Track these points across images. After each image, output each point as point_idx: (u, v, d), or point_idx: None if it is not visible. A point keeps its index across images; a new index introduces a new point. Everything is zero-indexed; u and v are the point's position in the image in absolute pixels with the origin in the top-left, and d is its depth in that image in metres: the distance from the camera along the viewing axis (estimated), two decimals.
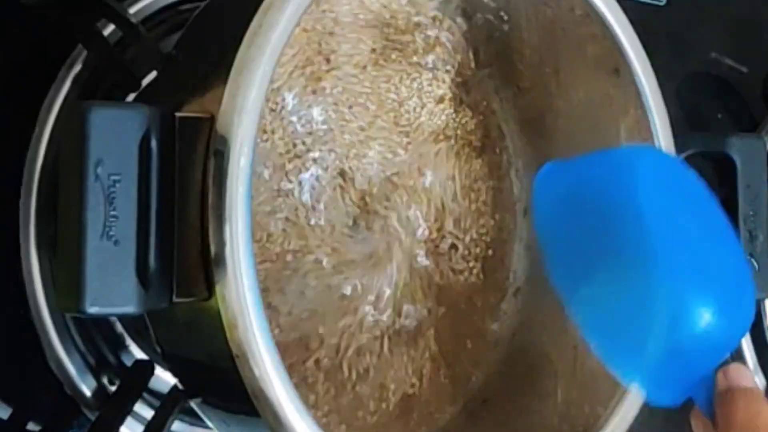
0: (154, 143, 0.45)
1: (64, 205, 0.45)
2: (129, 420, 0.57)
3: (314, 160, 0.56)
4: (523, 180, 0.64)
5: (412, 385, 0.59)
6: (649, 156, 0.52)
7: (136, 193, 0.45)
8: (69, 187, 0.44)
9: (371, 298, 0.58)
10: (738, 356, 0.77)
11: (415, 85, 0.60)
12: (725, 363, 0.48)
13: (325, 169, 0.57)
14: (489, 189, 0.63)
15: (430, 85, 0.61)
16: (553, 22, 0.59)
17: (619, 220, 0.47)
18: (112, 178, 0.44)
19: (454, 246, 0.61)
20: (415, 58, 0.60)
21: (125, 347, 0.60)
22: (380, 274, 0.58)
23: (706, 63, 0.82)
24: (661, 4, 0.78)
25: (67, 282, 0.44)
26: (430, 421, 0.59)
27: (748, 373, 0.48)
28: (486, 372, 0.62)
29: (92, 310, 0.44)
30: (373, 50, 0.59)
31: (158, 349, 0.53)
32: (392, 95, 0.59)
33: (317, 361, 0.56)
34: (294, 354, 0.55)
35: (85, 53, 0.59)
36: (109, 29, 0.58)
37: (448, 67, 0.62)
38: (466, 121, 0.62)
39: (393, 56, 0.60)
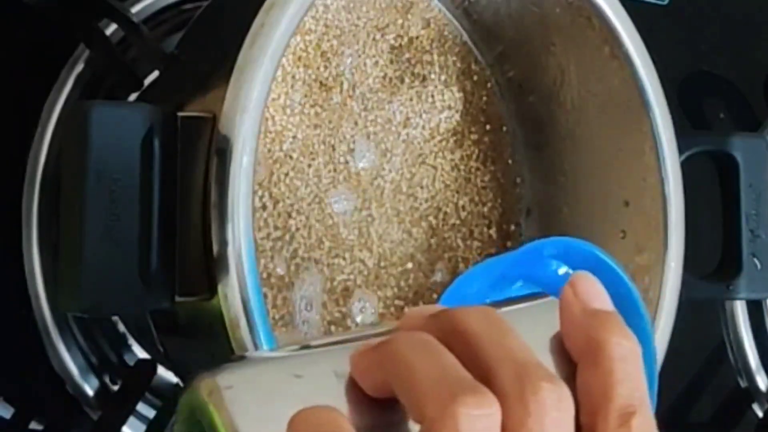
0: (156, 143, 0.46)
1: (66, 205, 0.45)
2: (131, 419, 0.57)
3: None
4: (527, 182, 0.64)
5: None
6: None
7: (138, 193, 0.45)
8: (71, 187, 0.44)
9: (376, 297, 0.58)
10: (740, 356, 0.77)
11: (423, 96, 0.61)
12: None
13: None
14: (493, 190, 0.63)
15: (441, 94, 0.61)
16: (554, 20, 0.59)
17: None
18: (114, 177, 0.44)
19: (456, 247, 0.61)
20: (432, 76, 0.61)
21: (127, 346, 0.60)
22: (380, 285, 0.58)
23: (708, 62, 0.82)
24: (664, 3, 0.78)
25: (69, 281, 0.44)
26: None
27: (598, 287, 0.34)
28: None
29: (94, 309, 0.44)
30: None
31: (160, 349, 0.53)
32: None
33: None
34: None
35: (87, 53, 0.59)
36: (111, 29, 0.58)
37: (461, 77, 0.62)
38: (474, 129, 0.62)
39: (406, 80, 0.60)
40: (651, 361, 0.51)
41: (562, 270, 0.51)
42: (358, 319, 0.57)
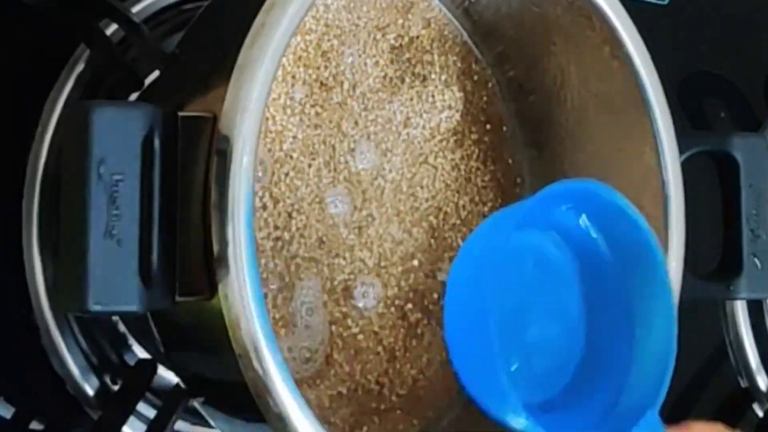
0: (156, 142, 0.46)
1: (66, 205, 0.45)
2: (132, 419, 0.57)
3: None
4: (527, 182, 0.64)
5: (419, 380, 0.59)
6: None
7: (138, 193, 0.45)
8: (71, 187, 0.44)
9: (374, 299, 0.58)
10: (740, 356, 0.77)
11: (424, 97, 0.61)
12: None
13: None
14: (493, 190, 0.63)
15: (441, 94, 0.61)
16: (554, 19, 0.59)
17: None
18: (115, 177, 0.44)
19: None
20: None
21: (128, 346, 0.60)
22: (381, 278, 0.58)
23: (708, 62, 0.82)
24: (664, 3, 0.78)
25: (69, 281, 0.44)
26: (436, 418, 0.59)
27: None
28: None
29: (95, 309, 0.44)
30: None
31: (161, 349, 0.53)
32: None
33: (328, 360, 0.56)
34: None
35: (87, 53, 0.59)
36: (112, 28, 0.59)
37: (460, 76, 0.62)
38: (474, 129, 0.63)
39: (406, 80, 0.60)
40: (669, 306, 0.51)
41: (580, 220, 0.51)
42: (360, 304, 0.57)
